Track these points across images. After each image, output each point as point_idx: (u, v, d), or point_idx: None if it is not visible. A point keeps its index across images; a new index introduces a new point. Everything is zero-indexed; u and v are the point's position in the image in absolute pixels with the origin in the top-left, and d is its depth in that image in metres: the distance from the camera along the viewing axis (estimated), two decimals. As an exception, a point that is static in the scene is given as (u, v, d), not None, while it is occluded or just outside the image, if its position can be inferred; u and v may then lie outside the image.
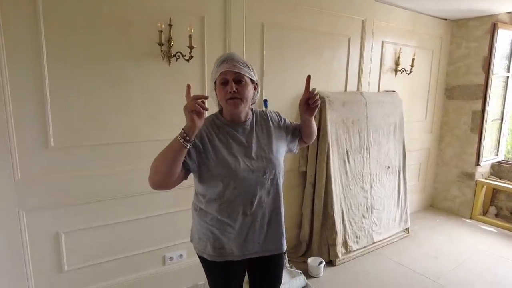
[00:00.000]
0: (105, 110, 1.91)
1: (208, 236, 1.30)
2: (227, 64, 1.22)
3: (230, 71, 1.21)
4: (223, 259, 1.30)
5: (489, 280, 2.55)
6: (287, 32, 2.53)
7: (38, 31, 1.67)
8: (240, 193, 1.25)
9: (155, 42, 1.93)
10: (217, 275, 1.37)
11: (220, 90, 1.25)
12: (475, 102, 3.61)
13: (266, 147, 1.32)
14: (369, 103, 2.97)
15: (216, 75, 1.26)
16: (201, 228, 1.32)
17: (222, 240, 1.29)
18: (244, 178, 1.24)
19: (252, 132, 1.32)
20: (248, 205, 1.27)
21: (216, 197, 1.25)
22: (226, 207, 1.26)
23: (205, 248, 1.31)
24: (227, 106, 1.26)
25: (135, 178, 2.03)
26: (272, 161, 1.30)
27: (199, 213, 1.32)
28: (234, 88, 1.21)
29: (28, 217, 1.78)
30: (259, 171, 1.27)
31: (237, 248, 1.30)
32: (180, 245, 2.29)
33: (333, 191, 2.69)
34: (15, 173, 1.71)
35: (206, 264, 1.35)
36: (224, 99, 1.24)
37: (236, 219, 1.27)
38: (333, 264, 2.70)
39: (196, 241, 1.36)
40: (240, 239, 1.29)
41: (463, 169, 3.79)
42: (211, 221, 1.28)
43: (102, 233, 2.01)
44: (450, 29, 3.72)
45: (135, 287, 2.17)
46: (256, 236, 1.31)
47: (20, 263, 1.79)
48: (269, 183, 1.30)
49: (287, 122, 1.47)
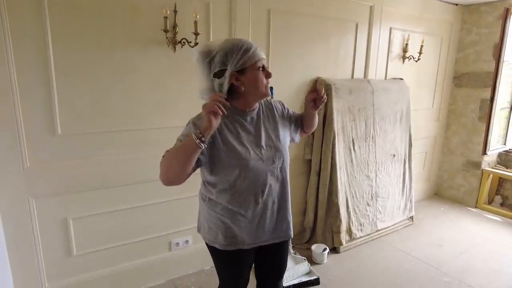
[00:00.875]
0: (111, 97, 1.91)
1: (218, 226, 1.30)
2: (259, 51, 1.21)
3: (264, 58, 1.23)
4: (235, 248, 1.31)
5: (493, 268, 2.57)
6: (293, 18, 2.49)
7: (43, 19, 1.65)
8: (251, 182, 1.25)
9: (160, 29, 1.91)
10: (229, 264, 1.38)
11: (259, 75, 1.21)
12: (484, 90, 3.55)
13: (273, 136, 1.32)
14: (375, 90, 2.94)
15: (252, 60, 1.19)
16: (211, 218, 1.32)
17: (234, 229, 1.29)
18: (255, 167, 1.24)
19: (259, 121, 1.31)
20: (259, 194, 1.28)
21: (227, 187, 1.25)
22: (237, 197, 1.26)
23: (216, 237, 1.31)
24: (265, 92, 1.25)
25: (142, 165, 2.05)
26: (280, 150, 1.32)
27: (208, 203, 1.32)
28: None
29: (37, 203, 1.81)
30: (269, 160, 1.28)
31: (248, 237, 1.31)
32: (186, 231, 2.33)
33: (338, 179, 2.69)
34: (24, 161, 1.73)
35: (217, 253, 1.35)
36: (265, 85, 1.23)
37: (247, 208, 1.28)
38: (337, 251, 2.73)
39: (205, 230, 1.36)
40: (252, 228, 1.30)
41: (469, 158, 3.76)
42: (222, 211, 1.29)
43: (110, 219, 2.05)
44: (461, 14, 3.63)
45: (142, 272, 2.22)
46: (267, 224, 1.33)
47: (30, 248, 1.84)
48: (278, 171, 1.31)
49: (290, 112, 1.47)
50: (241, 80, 1.20)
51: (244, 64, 1.18)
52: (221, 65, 1.18)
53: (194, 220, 2.32)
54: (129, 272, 2.17)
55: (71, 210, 1.92)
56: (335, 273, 2.47)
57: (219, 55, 1.19)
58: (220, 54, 1.18)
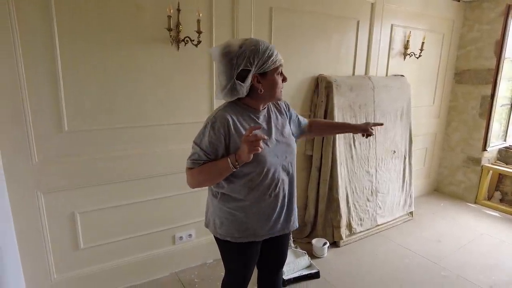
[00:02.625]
0: (116, 94, 1.95)
1: (231, 220, 1.34)
2: (280, 56, 1.27)
3: (283, 63, 1.30)
4: (248, 240, 1.36)
5: (490, 263, 2.61)
6: (295, 15, 2.51)
7: (50, 17, 1.69)
8: (267, 177, 1.30)
9: (164, 27, 1.94)
10: (240, 256, 1.43)
11: (278, 80, 1.30)
12: (485, 87, 3.57)
13: (283, 132, 1.39)
14: (376, 87, 2.96)
15: (275, 64, 1.26)
16: (223, 213, 1.36)
17: (246, 222, 1.34)
18: (271, 162, 1.30)
19: (270, 119, 1.37)
20: (273, 188, 1.33)
21: (244, 183, 1.29)
22: (254, 192, 1.31)
23: (228, 231, 1.36)
24: (279, 95, 1.32)
25: (147, 160, 2.10)
26: (290, 145, 1.40)
27: (220, 200, 1.36)
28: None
29: (45, 198, 1.87)
30: (282, 155, 1.35)
31: (261, 229, 1.37)
32: (190, 225, 2.38)
33: (339, 175, 2.74)
34: (32, 156, 1.78)
35: (229, 246, 1.39)
36: (280, 89, 1.31)
37: (260, 201, 1.33)
38: (337, 245, 2.78)
39: (217, 226, 1.39)
40: (264, 220, 1.36)
41: (469, 154, 3.79)
42: (235, 205, 1.33)
43: (115, 213, 2.10)
44: (463, 11, 3.63)
45: (147, 265, 2.28)
46: (278, 216, 1.39)
47: (40, 241, 1.90)
48: (289, 166, 1.38)
49: (293, 115, 1.54)
50: (262, 82, 1.25)
51: (268, 68, 1.23)
52: (245, 66, 1.21)
53: (197, 215, 2.38)
54: (134, 265, 2.23)
55: (78, 204, 1.97)
56: (335, 266, 2.52)
57: (242, 56, 1.20)
58: (243, 55, 1.20)
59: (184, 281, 2.30)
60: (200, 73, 2.19)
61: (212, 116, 1.27)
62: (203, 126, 1.27)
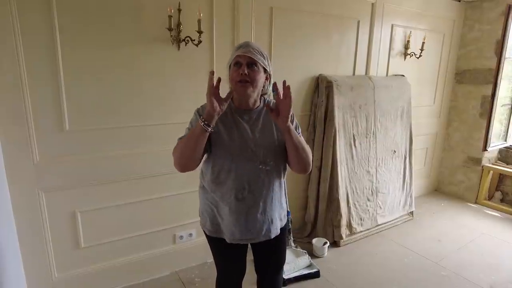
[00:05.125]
0: (117, 94, 1.96)
1: (208, 212, 1.40)
2: (243, 49, 1.25)
3: (244, 55, 1.23)
4: (218, 236, 1.39)
5: (490, 262, 2.61)
6: (295, 15, 2.52)
7: (51, 16, 1.70)
8: (235, 177, 1.29)
9: (164, 27, 1.95)
10: (216, 250, 1.48)
11: (232, 72, 1.27)
12: (485, 87, 3.57)
13: (269, 138, 1.32)
14: (377, 87, 2.96)
15: (231, 59, 1.29)
16: (203, 204, 1.43)
17: (218, 219, 1.37)
18: (240, 164, 1.29)
19: (258, 121, 1.33)
20: (240, 190, 1.30)
21: (213, 177, 1.32)
22: (220, 187, 1.32)
23: (205, 223, 1.41)
24: (236, 89, 1.26)
25: (148, 160, 2.11)
26: (274, 152, 1.32)
27: (201, 190, 1.42)
28: (246, 71, 1.22)
29: (47, 197, 1.87)
30: (257, 160, 1.29)
31: (228, 232, 1.35)
32: (190, 224, 2.39)
33: (339, 175, 2.74)
34: (34, 156, 1.79)
35: (209, 240, 1.46)
36: (235, 81, 1.25)
37: (228, 201, 1.31)
38: (337, 245, 2.78)
39: (200, 215, 1.46)
40: (231, 224, 1.33)
41: (470, 154, 3.79)
42: (211, 199, 1.37)
43: (116, 212, 2.11)
44: (464, 11, 3.63)
45: (147, 264, 2.28)
46: (246, 223, 1.32)
47: (41, 240, 1.90)
48: (265, 173, 1.31)
49: (294, 123, 1.39)
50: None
51: (229, 62, 1.31)
52: (228, 63, 1.33)
53: (198, 214, 2.38)
54: (135, 264, 2.23)
55: (79, 203, 1.98)
56: (335, 266, 2.53)
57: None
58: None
59: (184, 280, 2.30)
60: (201, 73, 2.20)
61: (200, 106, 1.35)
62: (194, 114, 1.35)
